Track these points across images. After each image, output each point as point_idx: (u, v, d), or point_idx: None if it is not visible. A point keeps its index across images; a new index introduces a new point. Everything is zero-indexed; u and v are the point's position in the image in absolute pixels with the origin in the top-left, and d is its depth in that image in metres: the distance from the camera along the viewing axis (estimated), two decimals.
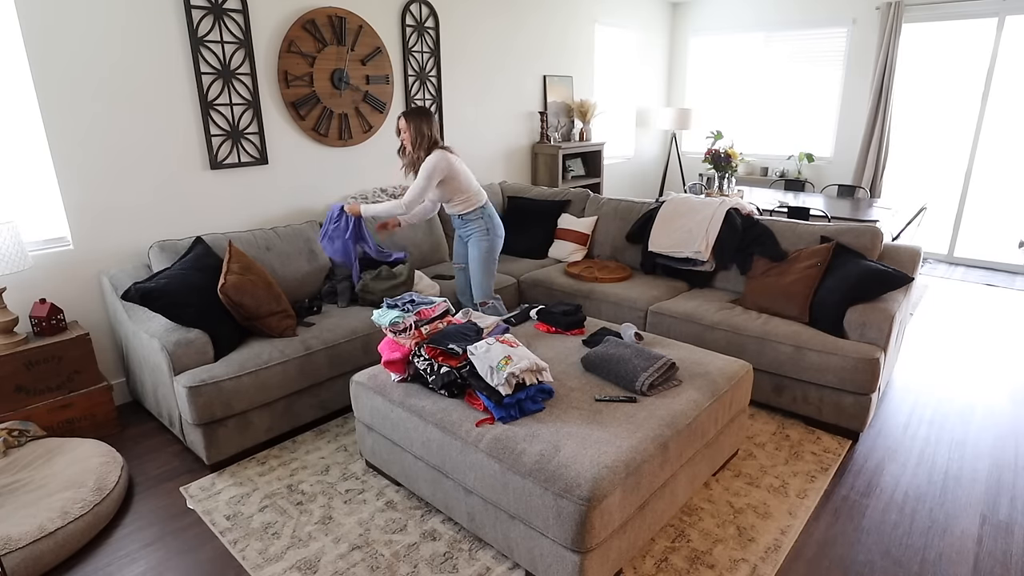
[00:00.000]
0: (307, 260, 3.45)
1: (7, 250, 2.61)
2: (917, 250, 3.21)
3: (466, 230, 3.36)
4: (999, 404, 3.21)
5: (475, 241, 3.33)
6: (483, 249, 3.32)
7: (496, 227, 3.35)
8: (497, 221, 3.37)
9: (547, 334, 2.84)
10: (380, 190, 4.14)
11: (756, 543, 2.21)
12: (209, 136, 3.36)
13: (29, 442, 2.58)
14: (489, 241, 3.32)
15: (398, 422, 2.31)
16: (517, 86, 5.30)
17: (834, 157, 6.42)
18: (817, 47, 6.32)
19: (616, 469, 1.83)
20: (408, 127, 3.13)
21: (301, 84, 3.72)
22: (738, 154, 5.81)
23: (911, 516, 2.37)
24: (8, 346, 2.68)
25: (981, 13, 5.40)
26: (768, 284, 3.26)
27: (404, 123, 3.14)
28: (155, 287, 2.63)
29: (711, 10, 6.93)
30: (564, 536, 1.79)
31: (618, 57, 6.55)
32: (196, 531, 2.32)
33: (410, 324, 2.40)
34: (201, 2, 3.21)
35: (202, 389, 2.52)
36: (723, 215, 3.64)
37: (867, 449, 2.82)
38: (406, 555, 2.17)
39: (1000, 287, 5.19)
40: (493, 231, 3.33)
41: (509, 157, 5.37)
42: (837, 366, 2.76)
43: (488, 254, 3.34)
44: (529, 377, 2.11)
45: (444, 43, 4.57)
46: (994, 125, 5.56)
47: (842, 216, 4.56)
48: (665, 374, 2.30)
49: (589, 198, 4.47)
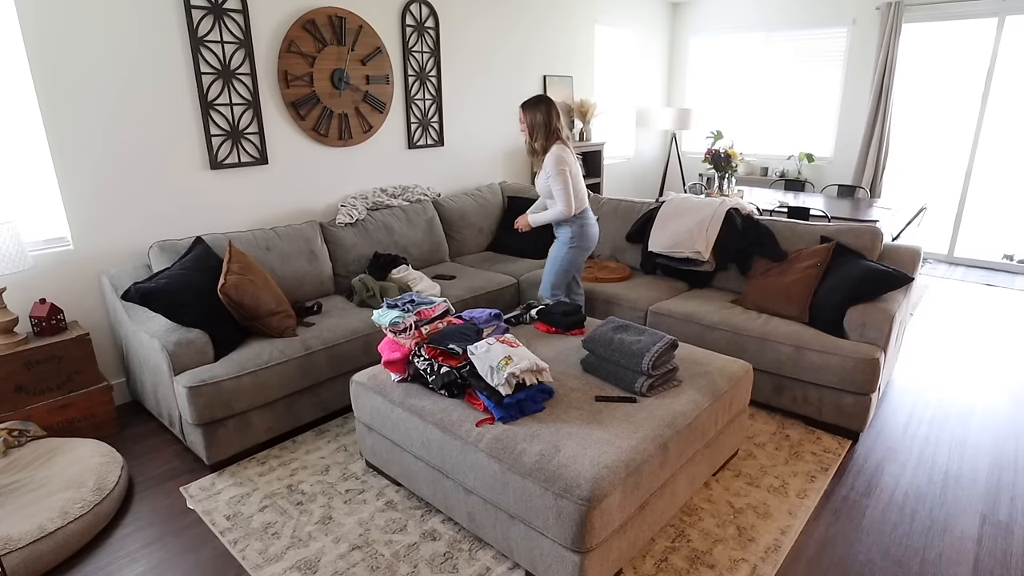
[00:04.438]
0: (307, 260, 3.45)
1: (7, 250, 2.61)
2: (917, 250, 3.21)
3: (558, 230, 3.28)
4: (999, 404, 3.21)
5: (559, 245, 3.27)
6: (561, 258, 3.25)
7: (585, 238, 3.23)
8: (589, 232, 3.24)
9: (547, 334, 2.84)
10: (380, 190, 4.14)
11: (756, 543, 2.21)
12: (209, 136, 3.36)
13: (29, 442, 2.58)
14: (571, 251, 3.24)
15: (398, 422, 2.31)
16: (517, 86, 5.29)
17: (834, 157, 6.42)
18: (817, 47, 6.32)
19: (616, 469, 1.83)
20: (525, 117, 3.12)
21: (301, 84, 3.72)
22: (738, 154, 5.81)
23: (911, 516, 2.37)
24: (8, 346, 2.68)
25: (981, 13, 5.40)
26: (768, 284, 3.26)
27: (521, 114, 3.14)
28: (155, 287, 2.63)
29: (711, 10, 6.93)
30: (564, 536, 1.79)
31: (618, 57, 6.55)
32: (196, 531, 2.32)
33: (410, 324, 2.40)
34: (201, 2, 3.21)
35: (202, 389, 2.52)
36: (723, 215, 3.64)
37: (867, 449, 2.82)
38: (406, 555, 2.17)
39: (1000, 287, 5.19)
40: (581, 241, 3.23)
41: (509, 157, 5.37)
42: (837, 366, 2.76)
43: (568, 262, 3.26)
44: (529, 377, 2.11)
45: (444, 43, 4.57)
46: (994, 125, 5.56)
47: (842, 216, 4.56)
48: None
49: (589, 198, 4.47)
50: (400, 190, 4.25)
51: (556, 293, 3.34)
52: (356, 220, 3.81)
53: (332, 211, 4.07)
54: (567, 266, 3.28)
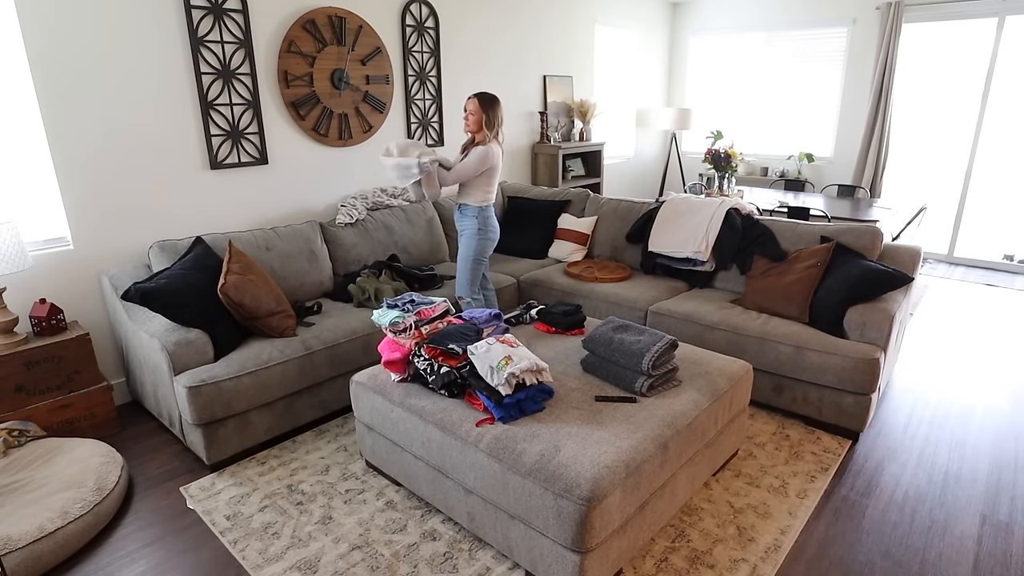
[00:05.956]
0: (307, 260, 3.45)
1: (7, 250, 2.61)
2: (917, 250, 3.21)
3: (462, 224, 3.38)
4: (999, 404, 3.21)
5: (467, 237, 3.35)
6: (473, 248, 3.34)
7: (490, 229, 3.37)
8: (493, 224, 3.39)
9: (547, 334, 2.84)
10: (380, 190, 4.14)
11: (756, 543, 2.21)
12: (209, 136, 3.36)
13: (29, 442, 2.58)
14: (480, 241, 3.34)
15: (398, 422, 2.31)
16: (517, 86, 5.30)
17: (834, 157, 6.43)
18: (817, 47, 6.32)
19: (616, 469, 1.83)
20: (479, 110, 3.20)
21: (301, 84, 3.72)
22: (738, 154, 5.81)
23: (911, 516, 2.37)
24: (8, 346, 2.68)
25: (981, 13, 5.40)
26: (768, 284, 3.26)
27: (476, 106, 3.21)
28: (155, 287, 2.63)
29: (711, 10, 6.93)
30: (564, 536, 1.79)
31: (618, 57, 6.55)
32: (196, 531, 2.32)
33: (410, 324, 2.40)
34: (201, 2, 3.21)
35: (202, 389, 2.52)
36: (723, 215, 3.64)
37: (867, 449, 2.82)
38: (406, 555, 2.17)
39: (1000, 287, 5.19)
40: (486, 232, 3.35)
41: (509, 157, 5.37)
42: (837, 366, 2.76)
43: (477, 254, 3.36)
44: (529, 377, 2.11)
45: (444, 43, 4.57)
46: (994, 125, 5.56)
47: (842, 216, 4.56)
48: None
49: (589, 198, 4.47)
50: (400, 190, 4.25)
51: (474, 290, 3.41)
52: (356, 220, 3.81)
53: (332, 211, 4.07)
54: (478, 255, 3.37)
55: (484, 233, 3.35)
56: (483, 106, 3.21)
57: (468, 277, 3.38)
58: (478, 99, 3.21)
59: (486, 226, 3.35)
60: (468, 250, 3.36)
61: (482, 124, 3.23)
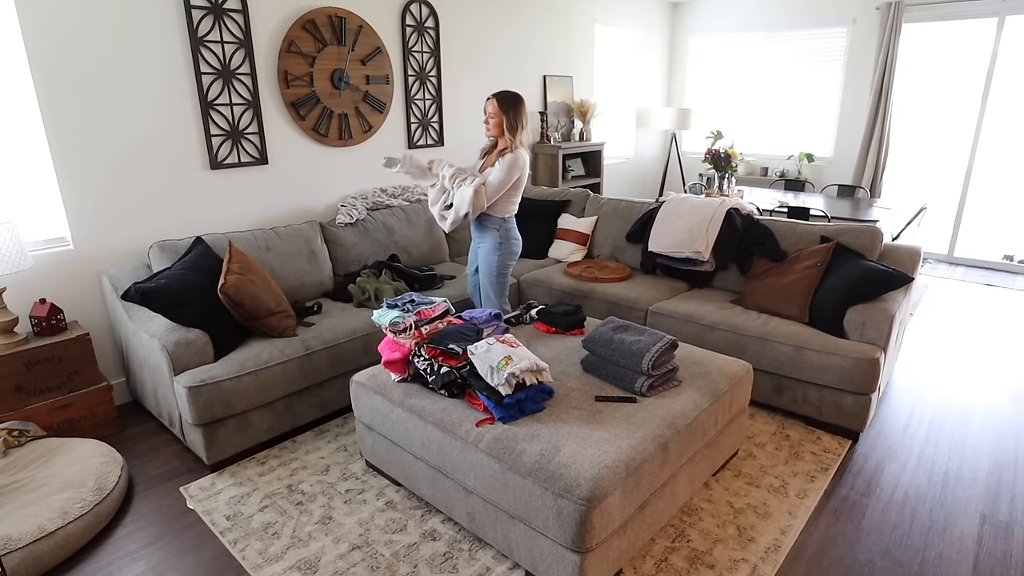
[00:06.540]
0: (307, 260, 3.45)
1: (7, 250, 2.61)
2: (917, 250, 3.21)
3: (481, 237, 3.15)
4: (999, 404, 3.21)
5: (487, 252, 3.12)
6: (495, 264, 3.11)
7: (512, 240, 3.13)
8: (515, 234, 3.14)
9: (547, 334, 2.84)
10: (380, 190, 4.14)
11: (756, 543, 2.21)
12: (209, 136, 3.36)
13: (29, 442, 2.58)
14: (502, 255, 3.11)
15: (398, 422, 2.31)
16: (517, 86, 5.29)
17: (834, 157, 6.42)
18: (817, 47, 6.32)
19: (616, 469, 1.83)
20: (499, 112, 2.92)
21: (301, 84, 3.72)
22: (738, 154, 5.81)
23: (911, 516, 2.37)
24: (8, 346, 2.68)
25: (981, 13, 5.40)
26: (768, 284, 3.26)
27: (495, 107, 2.93)
28: (155, 287, 2.63)
29: (711, 10, 6.93)
30: (564, 536, 1.79)
31: (618, 57, 6.55)
32: (196, 531, 2.32)
33: (410, 324, 2.40)
34: (201, 2, 3.21)
35: (202, 389, 2.52)
36: (723, 215, 3.64)
37: (867, 449, 2.82)
38: (406, 555, 2.17)
39: (1000, 287, 5.19)
40: (508, 244, 3.11)
41: None
42: (837, 366, 2.76)
43: (500, 268, 3.13)
44: (529, 377, 2.11)
45: (444, 43, 4.57)
46: (994, 125, 5.56)
47: (842, 216, 4.56)
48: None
49: (589, 198, 4.47)
50: (400, 190, 4.25)
51: (503, 301, 3.21)
52: (356, 220, 3.81)
53: (332, 211, 4.07)
54: (501, 269, 3.13)
55: (506, 246, 3.10)
56: (504, 107, 2.91)
57: (495, 292, 3.16)
58: (497, 99, 2.93)
59: (507, 238, 3.09)
60: (490, 265, 3.11)
61: (503, 128, 2.94)
